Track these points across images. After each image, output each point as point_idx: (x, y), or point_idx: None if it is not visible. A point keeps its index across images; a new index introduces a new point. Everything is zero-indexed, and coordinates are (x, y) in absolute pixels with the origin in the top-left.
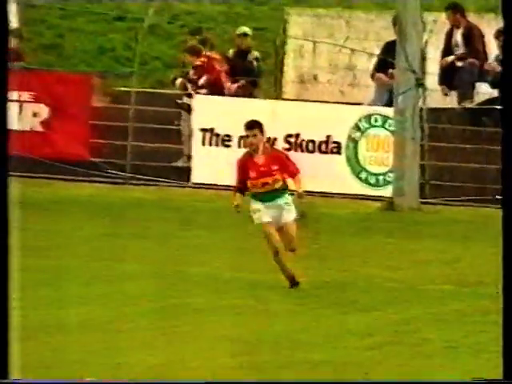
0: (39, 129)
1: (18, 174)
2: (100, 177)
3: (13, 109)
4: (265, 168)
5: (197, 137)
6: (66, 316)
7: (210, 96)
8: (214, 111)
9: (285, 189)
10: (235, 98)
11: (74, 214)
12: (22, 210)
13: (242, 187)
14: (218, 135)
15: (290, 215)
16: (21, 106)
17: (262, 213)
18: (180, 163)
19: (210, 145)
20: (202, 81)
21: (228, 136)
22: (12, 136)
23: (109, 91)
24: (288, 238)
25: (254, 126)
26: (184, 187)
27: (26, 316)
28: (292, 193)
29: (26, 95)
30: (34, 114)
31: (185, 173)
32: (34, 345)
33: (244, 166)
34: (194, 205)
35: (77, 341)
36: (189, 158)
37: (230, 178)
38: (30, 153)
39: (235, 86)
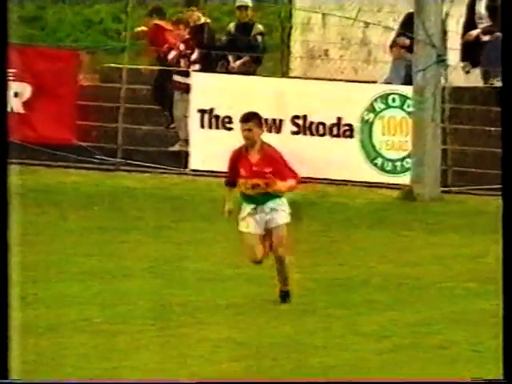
0: (21, 110)
1: None
2: (88, 163)
3: None
4: (257, 168)
5: (194, 119)
6: (55, 317)
7: (209, 74)
8: (214, 90)
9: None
10: (237, 76)
11: (59, 204)
12: None
13: (231, 181)
14: (217, 117)
15: (279, 219)
16: None
17: (249, 221)
18: (176, 148)
19: (210, 127)
20: (194, 56)
21: (229, 118)
22: None
23: (98, 68)
24: (274, 244)
25: (249, 118)
26: (181, 174)
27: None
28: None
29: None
30: (16, 94)
31: (182, 158)
32: (19, 348)
33: (236, 161)
34: (192, 194)
35: (67, 343)
36: (186, 142)
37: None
38: (10, 136)
39: (238, 62)
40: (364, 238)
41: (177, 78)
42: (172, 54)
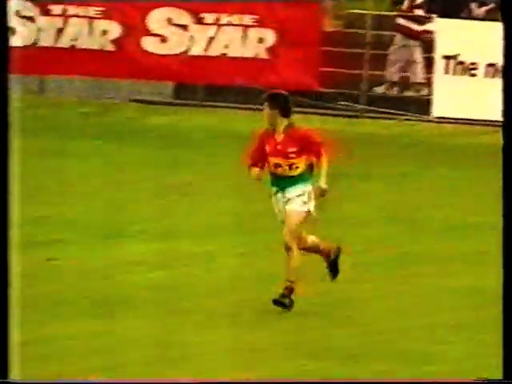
0: (264, 56)
1: (241, 105)
2: (331, 109)
3: (235, 34)
4: (281, 147)
5: (439, 65)
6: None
7: (453, 20)
8: (459, 37)
9: (304, 176)
10: (482, 22)
11: None
12: None
13: (252, 162)
14: (462, 63)
15: (293, 206)
16: (245, 31)
17: (277, 210)
18: (412, 93)
19: (454, 73)
20: (418, 0)
21: (474, 64)
22: (234, 64)
23: (342, 14)
24: (284, 232)
25: (265, 98)
26: (424, 121)
27: None
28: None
29: (248, 19)
30: (260, 40)
31: (425, 105)
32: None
33: (263, 137)
34: (435, 141)
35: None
36: (393, 85)
37: (475, 111)
38: (253, 81)
39: (483, 9)
40: None
41: (400, 21)
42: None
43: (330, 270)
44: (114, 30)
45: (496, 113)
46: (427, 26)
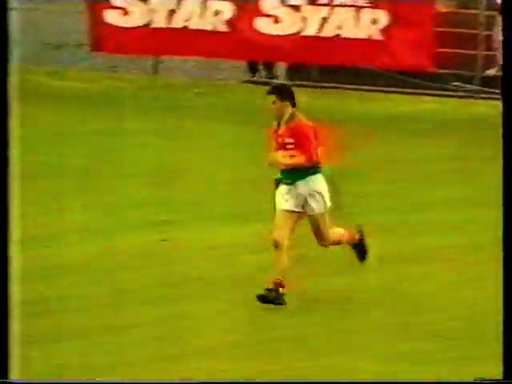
0: (378, 37)
1: (352, 86)
2: (445, 90)
3: (348, 15)
4: (281, 139)
5: None
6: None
7: None
8: None
9: (310, 169)
10: None
11: (416, 132)
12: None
13: None
14: None
15: (316, 206)
16: (357, 12)
17: (283, 199)
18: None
19: None
20: None
21: None
22: (347, 45)
23: None
24: (318, 234)
25: (271, 91)
26: None
27: None
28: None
29: (361, 0)
30: (373, 21)
31: None
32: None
33: (272, 134)
34: None
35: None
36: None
37: None
38: (367, 63)
39: None
40: None
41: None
42: None
43: (357, 252)
44: (227, 10)
45: None
46: None
